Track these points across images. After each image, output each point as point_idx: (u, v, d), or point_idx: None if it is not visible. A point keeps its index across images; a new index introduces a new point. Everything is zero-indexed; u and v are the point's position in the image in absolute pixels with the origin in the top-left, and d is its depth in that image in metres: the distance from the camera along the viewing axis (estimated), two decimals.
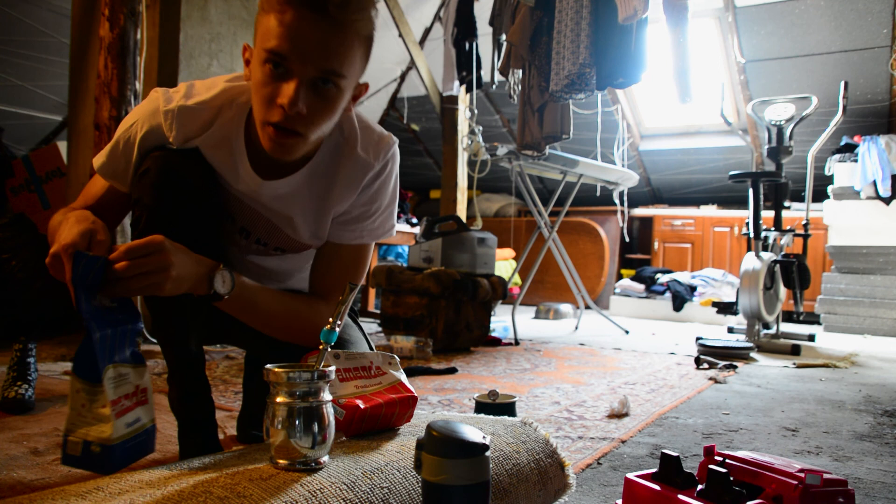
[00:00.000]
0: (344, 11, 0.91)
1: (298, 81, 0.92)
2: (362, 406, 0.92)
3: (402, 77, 6.10)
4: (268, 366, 0.80)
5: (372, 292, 4.73)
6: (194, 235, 1.04)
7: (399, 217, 4.70)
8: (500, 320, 3.85)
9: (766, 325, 3.72)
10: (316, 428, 0.78)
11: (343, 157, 1.10)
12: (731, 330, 4.01)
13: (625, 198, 5.19)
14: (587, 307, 4.41)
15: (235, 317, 1.05)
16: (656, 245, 6.07)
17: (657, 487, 0.85)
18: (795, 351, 3.32)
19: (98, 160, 1.11)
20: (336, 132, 1.10)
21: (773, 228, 3.80)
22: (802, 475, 0.82)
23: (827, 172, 4.85)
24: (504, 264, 5.88)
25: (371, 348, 1.28)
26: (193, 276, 0.93)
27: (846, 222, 4.72)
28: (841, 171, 4.74)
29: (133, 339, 0.92)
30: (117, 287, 0.86)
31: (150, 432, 0.92)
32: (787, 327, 4.31)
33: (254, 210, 1.13)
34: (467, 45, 4.28)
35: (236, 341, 1.34)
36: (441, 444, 0.74)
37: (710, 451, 0.92)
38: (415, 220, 4.87)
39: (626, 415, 1.79)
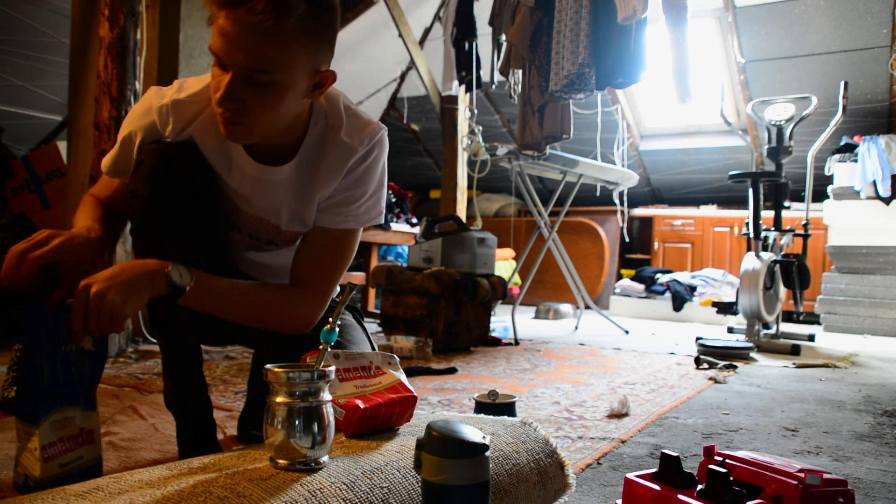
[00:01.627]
0: (252, 11, 0.91)
1: (231, 76, 0.95)
2: (362, 406, 0.92)
3: (402, 77, 6.10)
4: (267, 366, 0.81)
5: (372, 292, 4.73)
6: (189, 226, 1.06)
7: (399, 217, 4.70)
8: (500, 320, 3.85)
9: (766, 325, 3.72)
10: (316, 428, 0.78)
11: (328, 143, 1.12)
12: (730, 330, 4.01)
13: (625, 198, 5.19)
14: (587, 307, 4.41)
15: (207, 312, 1.06)
16: (656, 245, 6.07)
17: (657, 487, 0.85)
18: (795, 351, 3.32)
19: (105, 162, 1.17)
20: (322, 121, 1.11)
21: (772, 228, 3.80)
22: (802, 475, 0.82)
23: (827, 172, 4.85)
24: (504, 264, 5.88)
25: (373, 348, 1.28)
26: (146, 279, 0.96)
27: (846, 222, 4.72)
28: (841, 171, 4.74)
29: (91, 382, 0.98)
30: (87, 331, 0.92)
31: (94, 468, 0.98)
32: (786, 327, 4.31)
33: (239, 206, 1.15)
34: (467, 45, 4.28)
35: (244, 341, 1.34)
36: (441, 444, 0.74)
37: (710, 451, 0.92)
38: (415, 220, 4.87)
39: (626, 415, 1.79)
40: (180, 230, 1.05)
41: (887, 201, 4.49)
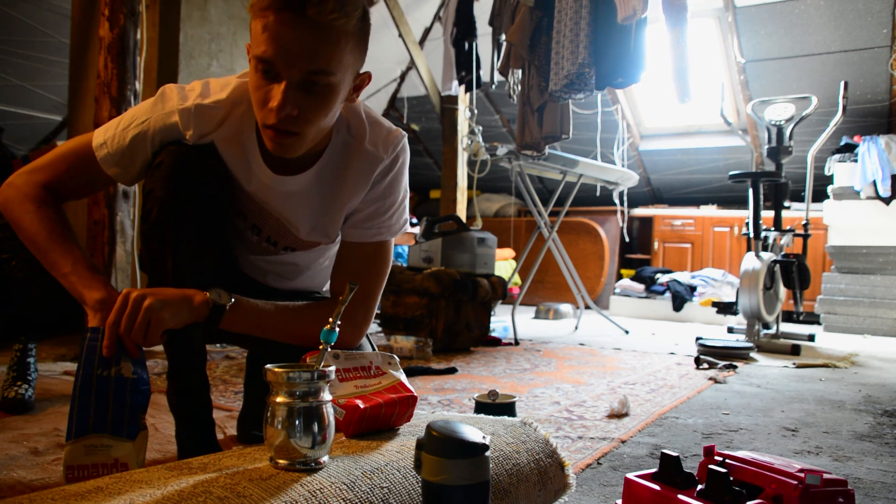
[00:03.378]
0: (323, 12, 0.90)
1: (287, 84, 0.93)
2: (362, 406, 0.92)
3: (402, 77, 6.10)
4: (267, 366, 0.80)
5: None
6: (202, 229, 1.06)
7: None
8: (500, 320, 3.85)
9: (766, 325, 3.71)
10: (316, 428, 0.78)
11: (352, 153, 1.11)
12: (730, 330, 4.01)
13: (625, 198, 5.19)
14: (587, 307, 4.40)
15: (247, 333, 1.07)
16: (656, 245, 6.07)
17: (657, 487, 0.85)
18: (795, 351, 3.32)
19: (101, 150, 1.08)
20: (344, 130, 1.10)
21: (772, 228, 3.80)
22: (802, 475, 0.82)
23: (827, 172, 4.85)
24: (504, 264, 5.88)
25: (373, 348, 1.28)
26: (187, 301, 0.98)
27: (846, 222, 4.72)
28: (841, 171, 4.74)
29: (133, 415, 0.97)
30: (122, 336, 0.92)
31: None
32: (786, 327, 4.31)
33: (264, 208, 1.14)
34: (467, 45, 4.28)
35: (238, 341, 1.34)
36: (441, 444, 0.74)
37: (709, 451, 0.92)
38: (415, 220, 4.87)
39: (626, 415, 1.79)
40: (194, 233, 1.05)
41: (887, 201, 4.49)
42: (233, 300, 1.01)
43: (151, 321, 0.92)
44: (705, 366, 2.74)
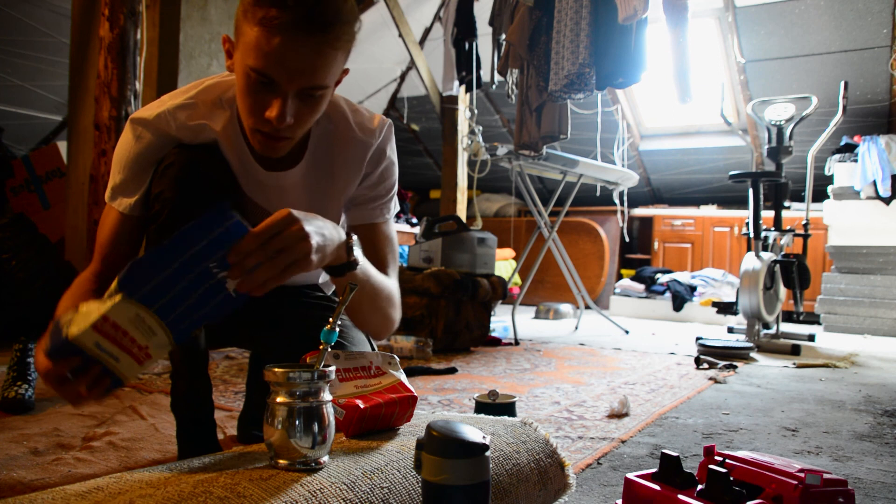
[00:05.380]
0: (330, 31, 0.91)
1: (286, 96, 0.93)
2: (362, 406, 0.92)
3: (402, 77, 6.10)
4: (268, 366, 0.80)
5: None
6: None
7: (399, 217, 4.70)
8: (500, 320, 3.85)
9: (766, 325, 3.71)
10: (316, 428, 0.78)
11: (337, 142, 1.12)
12: (731, 330, 4.01)
13: (625, 198, 5.19)
14: (587, 307, 4.40)
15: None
16: (656, 245, 6.07)
17: (657, 487, 0.85)
18: (795, 351, 3.32)
19: (117, 201, 1.09)
20: (324, 120, 1.11)
21: (773, 228, 3.80)
22: (802, 475, 0.82)
23: (827, 172, 4.85)
24: (504, 264, 5.88)
25: (373, 349, 1.28)
26: (335, 240, 0.91)
27: (846, 222, 4.72)
28: (841, 171, 4.74)
29: (195, 322, 0.83)
30: (257, 275, 0.81)
31: (113, 381, 0.85)
32: (787, 327, 4.31)
33: (258, 205, 1.14)
34: (467, 45, 4.28)
35: (241, 342, 1.34)
36: (441, 444, 0.74)
37: (710, 451, 0.92)
38: (415, 220, 4.87)
39: (626, 415, 1.79)
40: None
41: (887, 201, 4.49)
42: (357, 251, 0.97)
43: (299, 261, 0.84)
44: (705, 366, 2.74)
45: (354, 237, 0.96)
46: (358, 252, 0.95)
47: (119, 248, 1.09)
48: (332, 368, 0.82)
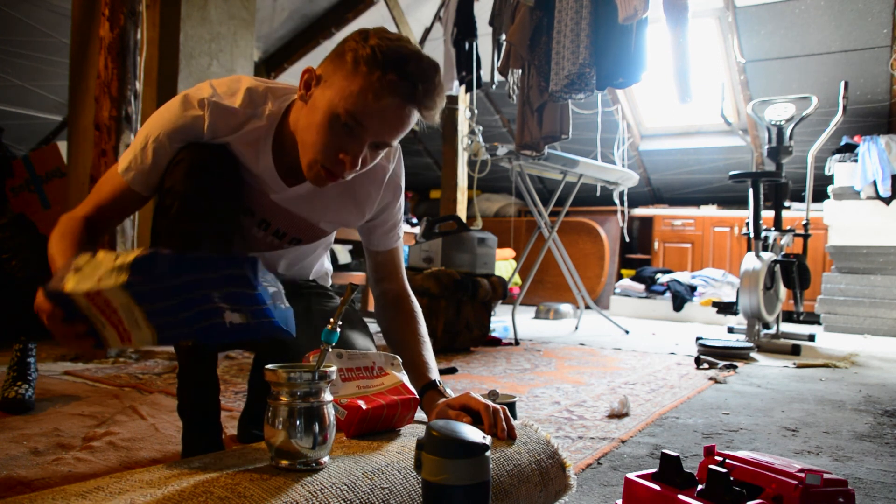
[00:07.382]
0: (432, 110, 1.01)
1: (364, 144, 1.00)
2: (364, 407, 0.92)
3: None
4: (268, 366, 0.80)
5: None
6: (219, 226, 1.09)
7: None
8: (500, 320, 3.85)
9: (766, 325, 3.71)
10: (317, 428, 0.78)
11: None
12: (731, 330, 4.01)
13: (625, 198, 5.19)
14: (587, 307, 4.41)
15: None
16: (656, 245, 6.07)
17: (657, 487, 0.85)
18: (795, 351, 3.32)
19: (128, 174, 1.10)
20: None
21: (773, 228, 3.80)
22: (802, 475, 0.82)
23: (827, 172, 4.85)
24: (504, 264, 5.88)
25: (375, 349, 1.28)
26: None
27: (846, 222, 4.72)
28: (841, 171, 4.74)
29: (188, 335, 0.84)
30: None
31: (99, 345, 0.85)
32: (787, 327, 4.31)
33: (276, 203, 1.17)
34: (467, 45, 4.27)
35: (242, 344, 1.35)
36: (441, 444, 0.74)
37: (710, 451, 0.92)
38: (415, 220, 4.87)
39: (626, 415, 1.79)
40: (213, 227, 1.08)
41: (887, 201, 4.49)
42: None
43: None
44: (705, 366, 2.74)
45: (439, 380, 1.12)
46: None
47: (116, 206, 1.13)
48: (333, 369, 0.82)
